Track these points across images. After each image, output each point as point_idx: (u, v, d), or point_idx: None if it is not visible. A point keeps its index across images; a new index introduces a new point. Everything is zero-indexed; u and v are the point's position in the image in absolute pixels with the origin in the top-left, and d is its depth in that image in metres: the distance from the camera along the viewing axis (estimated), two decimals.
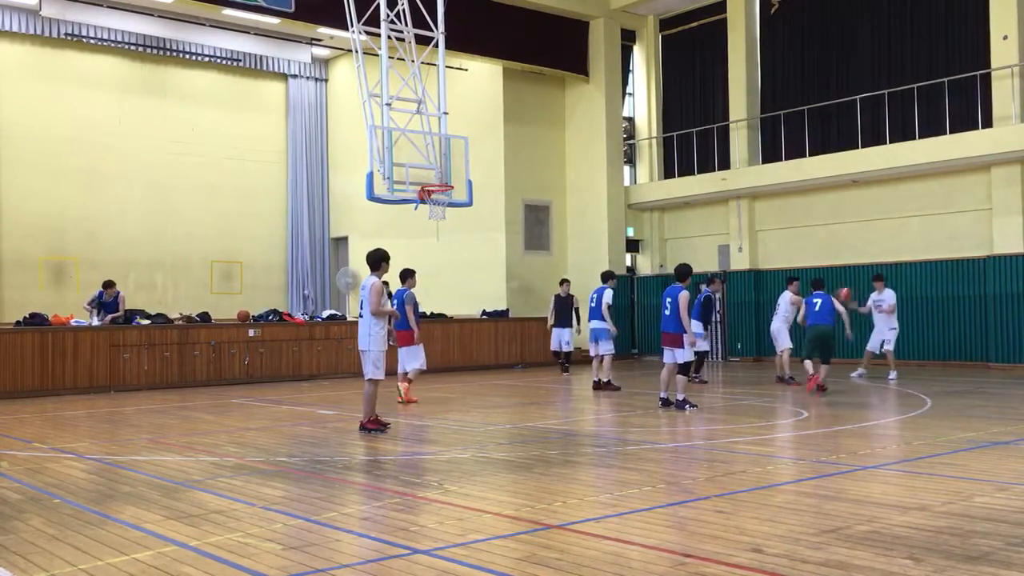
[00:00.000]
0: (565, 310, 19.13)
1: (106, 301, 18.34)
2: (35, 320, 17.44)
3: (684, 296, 12.36)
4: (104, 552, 5.50)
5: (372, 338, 10.65)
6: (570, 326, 19.17)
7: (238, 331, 19.06)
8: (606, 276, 16.38)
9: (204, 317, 19.51)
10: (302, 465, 8.69)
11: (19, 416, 13.27)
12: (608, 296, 15.81)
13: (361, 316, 10.81)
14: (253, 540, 5.74)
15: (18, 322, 17.70)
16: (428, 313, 22.72)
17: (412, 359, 14.01)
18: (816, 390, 14.18)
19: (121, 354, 17.36)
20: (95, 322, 17.92)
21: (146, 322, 18.49)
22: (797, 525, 5.90)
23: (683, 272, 12.75)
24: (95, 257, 24.74)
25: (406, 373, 14.16)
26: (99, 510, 6.72)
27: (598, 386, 15.71)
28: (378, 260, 10.83)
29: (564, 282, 19.68)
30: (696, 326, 15.75)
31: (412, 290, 14.34)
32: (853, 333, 15.78)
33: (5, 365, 16.14)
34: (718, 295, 21.27)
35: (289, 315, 20.99)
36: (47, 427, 12.14)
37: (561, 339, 19.11)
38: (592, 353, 16.07)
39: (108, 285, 18.54)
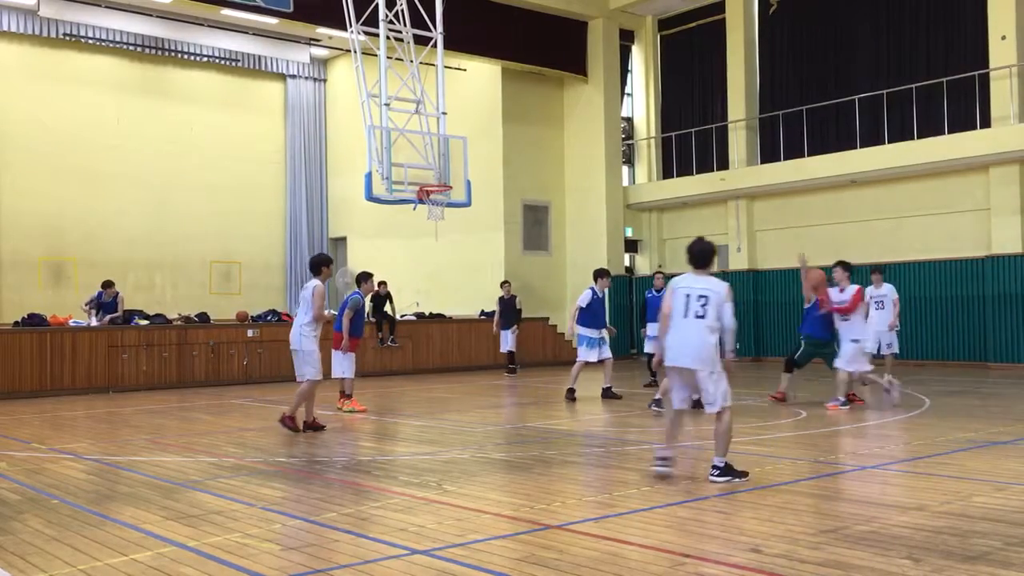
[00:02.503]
0: (508, 311, 19.58)
1: (105, 301, 18.34)
2: (34, 320, 17.43)
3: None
4: (103, 553, 5.49)
5: (304, 338, 10.74)
6: (511, 327, 19.69)
7: (237, 331, 19.07)
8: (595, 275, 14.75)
9: (203, 317, 19.52)
10: (301, 465, 8.69)
11: (18, 416, 13.26)
12: (581, 298, 14.33)
13: (296, 315, 10.99)
14: (252, 540, 5.74)
15: (17, 322, 17.69)
16: (427, 313, 22.76)
17: (336, 364, 13.43)
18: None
19: (120, 354, 17.35)
20: (94, 322, 17.90)
21: (145, 322, 18.49)
22: (796, 525, 5.90)
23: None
24: (94, 257, 24.72)
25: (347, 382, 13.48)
26: (98, 511, 6.71)
27: (601, 393, 14.55)
28: (318, 265, 11.02)
29: (506, 283, 20.13)
30: (652, 328, 14.91)
31: (360, 295, 13.49)
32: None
33: (4, 365, 16.13)
34: None
35: (288, 315, 20.97)
36: (46, 427, 12.13)
37: (506, 340, 19.62)
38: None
39: (107, 285, 18.54)
